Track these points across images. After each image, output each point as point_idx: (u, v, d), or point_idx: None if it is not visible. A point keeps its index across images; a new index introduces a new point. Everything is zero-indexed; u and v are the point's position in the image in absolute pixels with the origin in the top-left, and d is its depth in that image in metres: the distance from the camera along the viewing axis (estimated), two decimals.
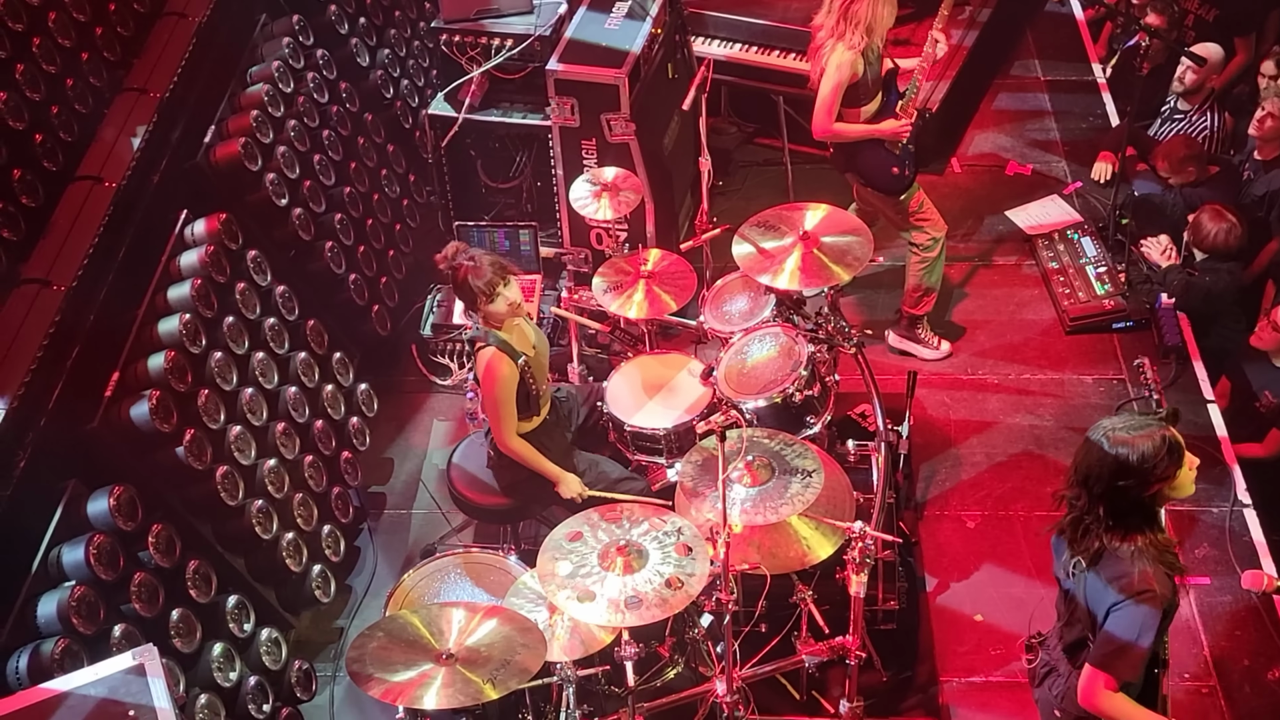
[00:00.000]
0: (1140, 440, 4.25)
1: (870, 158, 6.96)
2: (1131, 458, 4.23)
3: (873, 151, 6.93)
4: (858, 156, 7.00)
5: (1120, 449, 4.25)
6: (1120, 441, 4.26)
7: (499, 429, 5.92)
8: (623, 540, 5.00)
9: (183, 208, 6.58)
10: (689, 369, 6.50)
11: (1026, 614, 6.36)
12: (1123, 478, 4.26)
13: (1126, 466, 4.24)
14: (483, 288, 5.70)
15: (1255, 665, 6.09)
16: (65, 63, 6.37)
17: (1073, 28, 9.95)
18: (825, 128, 6.83)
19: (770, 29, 8.39)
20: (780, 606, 5.73)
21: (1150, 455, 4.23)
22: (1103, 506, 4.34)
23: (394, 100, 8.34)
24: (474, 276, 5.70)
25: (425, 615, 4.87)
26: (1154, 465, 4.24)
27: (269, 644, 6.03)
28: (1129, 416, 4.41)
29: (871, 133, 6.86)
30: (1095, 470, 4.31)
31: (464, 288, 5.74)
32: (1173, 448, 4.27)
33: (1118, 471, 4.26)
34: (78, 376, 5.67)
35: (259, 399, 6.44)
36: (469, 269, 5.71)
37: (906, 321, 7.57)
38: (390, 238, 7.91)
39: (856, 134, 6.87)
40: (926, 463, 7.07)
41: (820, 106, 6.78)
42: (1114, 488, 4.28)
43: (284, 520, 6.31)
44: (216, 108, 7.04)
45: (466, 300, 5.82)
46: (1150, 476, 4.26)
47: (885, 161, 6.92)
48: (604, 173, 6.83)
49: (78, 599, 5.12)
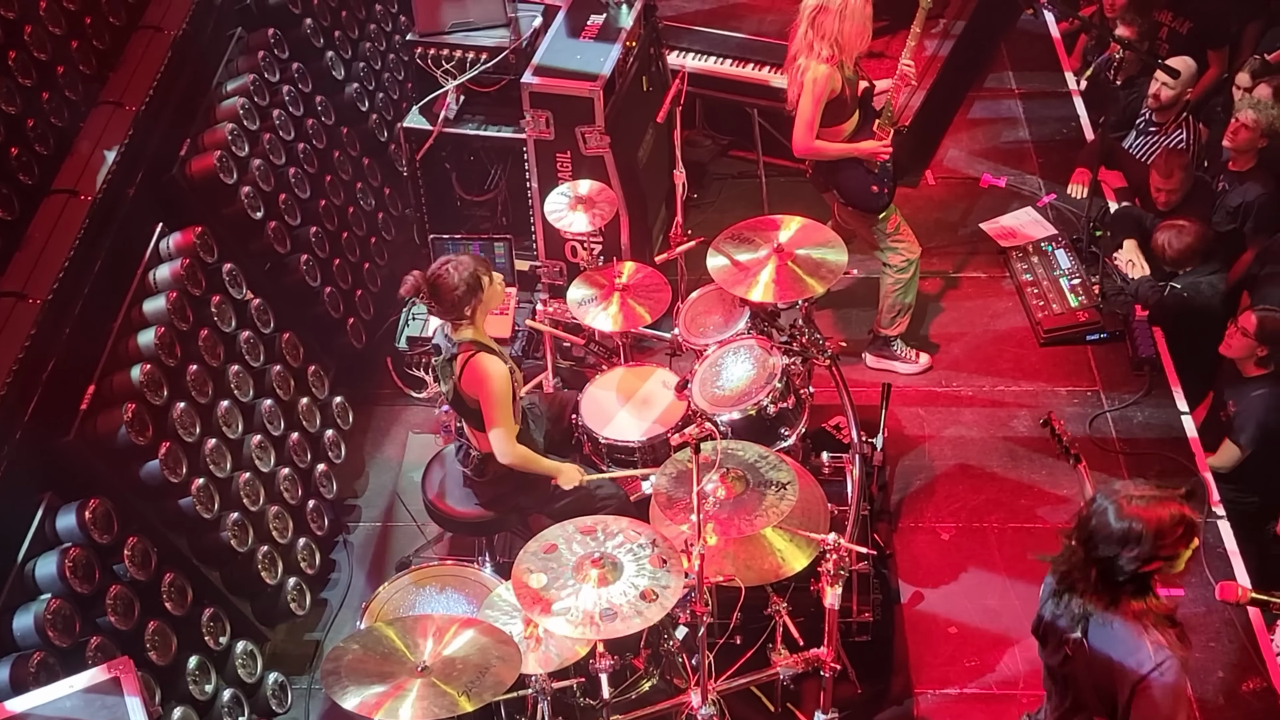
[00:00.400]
0: (1154, 513, 4.03)
1: (850, 176, 6.98)
2: (1143, 531, 4.02)
3: (853, 170, 6.95)
4: (838, 175, 7.03)
5: (1133, 521, 4.03)
6: (1134, 513, 4.04)
7: (503, 435, 5.73)
8: (598, 553, 5.00)
9: (158, 221, 6.58)
10: (664, 381, 6.51)
11: (1001, 626, 6.40)
12: (1128, 549, 4.05)
13: (1135, 538, 4.03)
14: (469, 279, 5.55)
15: (1230, 677, 6.12)
16: (41, 76, 6.35)
17: (1047, 40, 10.01)
18: (806, 145, 6.85)
19: (745, 42, 8.44)
20: (755, 618, 5.74)
21: (1164, 533, 4.02)
22: (1095, 570, 4.14)
23: (369, 113, 8.35)
24: (458, 270, 5.55)
25: (400, 628, 4.87)
26: (1164, 543, 4.04)
27: (244, 657, 6.02)
28: (1146, 484, 4.15)
29: (851, 151, 6.88)
30: (1101, 533, 4.09)
31: (451, 290, 5.55)
32: (1187, 527, 4.07)
33: (1124, 541, 4.04)
34: (53, 390, 5.66)
35: (234, 412, 6.43)
36: (450, 266, 5.56)
37: (881, 340, 7.60)
38: (365, 251, 7.92)
39: (836, 152, 6.89)
40: (901, 475, 7.10)
41: (800, 123, 6.79)
42: (1114, 555, 4.07)
43: (259, 533, 6.31)
44: (192, 121, 7.04)
45: (455, 304, 5.59)
46: (1157, 554, 4.05)
47: (865, 180, 6.95)
48: (579, 186, 6.85)
49: (53, 612, 5.11)
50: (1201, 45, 8.84)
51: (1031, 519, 6.85)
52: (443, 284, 5.57)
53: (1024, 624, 6.26)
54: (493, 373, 5.66)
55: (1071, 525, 4.24)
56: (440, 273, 5.59)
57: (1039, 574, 6.42)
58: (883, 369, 7.62)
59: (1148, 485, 4.14)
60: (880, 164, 6.92)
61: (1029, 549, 6.68)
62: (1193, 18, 8.87)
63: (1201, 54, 8.81)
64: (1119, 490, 4.13)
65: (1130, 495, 4.08)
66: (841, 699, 5.86)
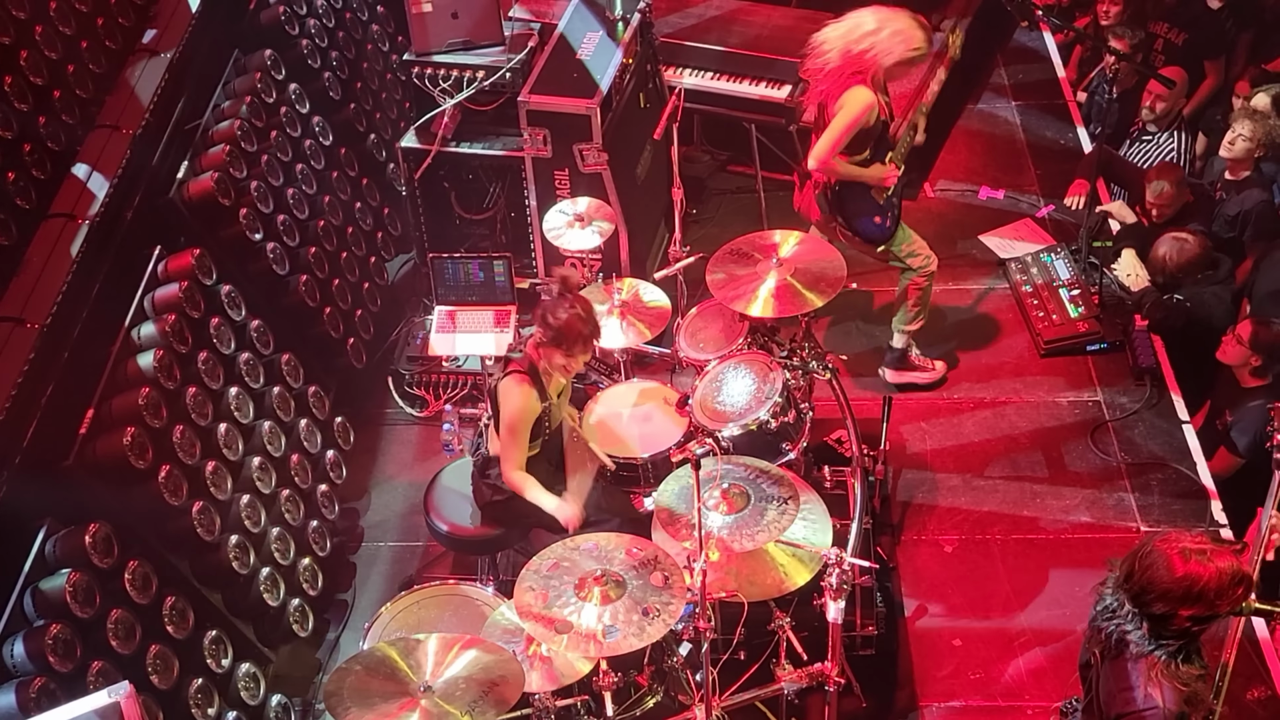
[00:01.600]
0: (1217, 569, 3.89)
1: (857, 206, 6.95)
2: (1204, 590, 3.89)
3: (860, 200, 6.92)
4: (845, 203, 6.97)
5: (1192, 579, 3.89)
6: (1193, 571, 3.89)
7: (507, 457, 5.83)
8: (599, 570, 4.99)
9: (156, 244, 6.58)
10: (664, 398, 6.51)
11: (1005, 638, 6.39)
12: (1189, 607, 3.92)
13: (1197, 597, 3.90)
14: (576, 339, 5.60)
15: (1233, 686, 6.03)
16: (38, 100, 6.37)
17: (1043, 53, 10.03)
18: (827, 160, 6.76)
19: (741, 57, 8.43)
20: (758, 634, 5.73)
21: (1225, 592, 3.90)
22: (1148, 625, 4.02)
23: (367, 133, 8.37)
24: (580, 325, 5.59)
25: (403, 648, 4.85)
26: (1224, 601, 3.92)
27: (247, 679, 6.00)
28: (1201, 536, 4.02)
29: (862, 176, 6.84)
30: (1157, 589, 3.95)
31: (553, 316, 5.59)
32: (1246, 584, 3.96)
33: (1185, 600, 3.91)
34: (52, 414, 5.66)
35: (235, 433, 6.43)
36: (577, 308, 5.59)
37: (897, 355, 7.59)
38: (365, 271, 7.92)
39: (849, 174, 6.84)
40: (903, 488, 7.09)
41: (828, 139, 6.69)
42: (1173, 613, 3.94)
43: (261, 554, 6.30)
44: (189, 144, 7.04)
45: (544, 327, 5.64)
46: (1216, 610, 3.93)
47: (870, 211, 6.93)
48: (577, 203, 6.85)
49: (54, 637, 5.09)
50: (1197, 55, 8.87)
51: (1034, 530, 6.84)
52: (553, 307, 5.61)
53: (1028, 637, 6.33)
54: (515, 400, 5.70)
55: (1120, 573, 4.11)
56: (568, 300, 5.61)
57: (1043, 585, 6.52)
58: (904, 382, 7.60)
59: (1200, 536, 4.03)
60: (886, 196, 6.92)
61: (1032, 560, 6.68)
62: (1188, 28, 8.90)
63: (1198, 64, 8.84)
64: (1171, 542, 3.99)
65: (1187, 550, 3.94)
66: (846, 713, 5.86)
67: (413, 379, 7.60)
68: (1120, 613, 4.10)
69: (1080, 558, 6.64)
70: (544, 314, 5.65)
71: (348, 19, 8.58)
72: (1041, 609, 6.47)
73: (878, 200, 6.92)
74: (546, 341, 5.66)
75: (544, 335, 5.67)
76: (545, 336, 5.66)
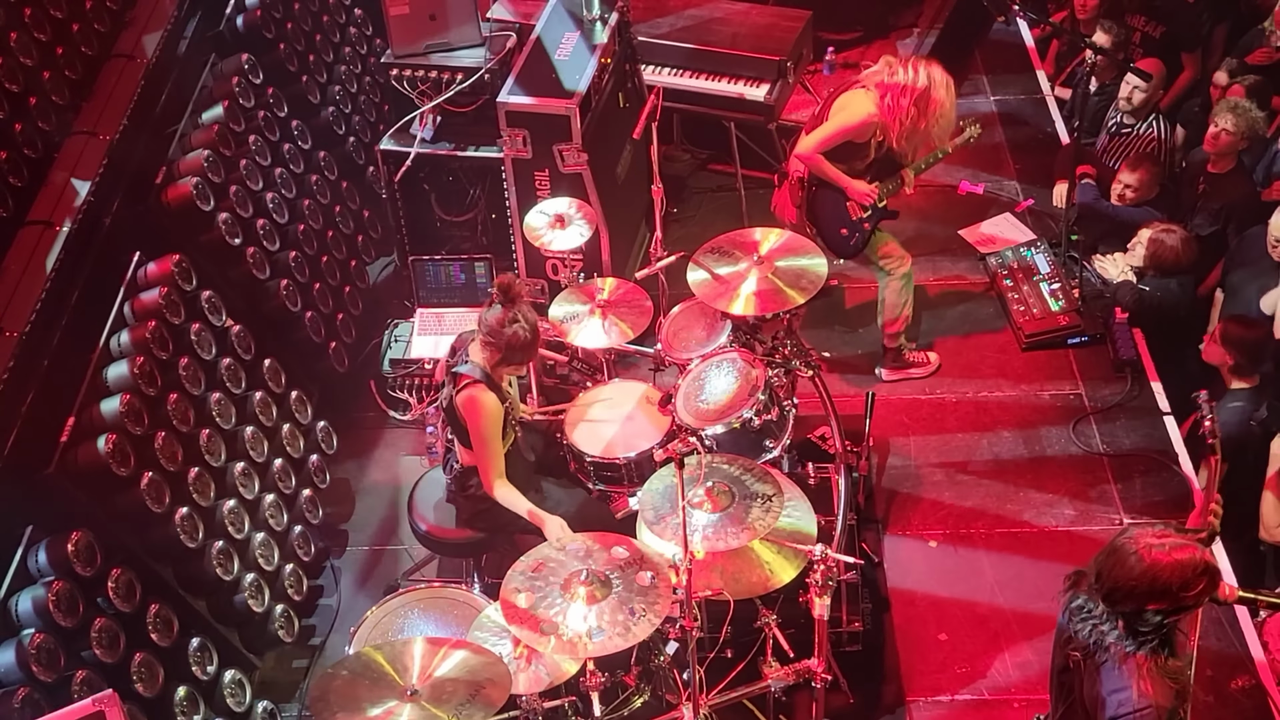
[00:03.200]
0: (1178, 561, 3.92)
1: (829, 213, 7.05)
2: (1169, 583, 3.93)
3: (833, 209, 7.02)
4: (817, 204, 7.08)
5: (1157, 572, 3.92)
6: (1157, 562, 3.92)
7: (487, 470, 5.78)
8: (585, 571, 4.99)
9: (135, 250, 6.55)
10: (647, 397, 6.51)
11: (991, 632, 6.40)
12: (1154, 601, 3.96)
13: (1162, 591, 3.94)
14: (521, 351, 5.66)
15: (1218, 675, 6.12)
16: (14, 107, 6.34)
17: (1020, 47, 10.05)
18: (811, 154, 6.90)
19: (719, 55, 8.44)
20: (745, 631, 5.72)
21: (1189, 583, 3.93)
22: (1123, 623, 4.05)
23: (346, 136, 8.35)
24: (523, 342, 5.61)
25: (389, 651, 4.85)
26: (1189, 593, 3.95)
27: (233, 686, 5.99)
28: (1164, 530, 4.03)
29: (842, 181, 6.94)
30: (1124, 586, 3.99)
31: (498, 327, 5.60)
32: (1211, 576, 3.98)
33: (1150, 595, 3.95)
34: (33, 422, 5.63)
35: (217, 439, 6.41)
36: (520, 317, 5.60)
37: (891, 354, 7.61)
38: (346, 274, 7.90)
39: (831, 174, 6.94)
40: (887, 483, 7.10)
41: (819, 134, 6.88)
42: (1142, 610, 3.99)
43: (245, 561, 6.28)
44: (167, 149, 7.02)
45: (490, 336, 5.65)
46: (1183, 603, 3.97)
47: (839, 221, 7.02)
48: (558, 203, 6.85)
49: (37, 646, 5.08)
50: (1175, 48, 8.88)
51: (1018, 524, 6.86)
52: (501, 315, 5.60)
53: (1014, 630, 6.34)
54: (483, 409, 5.68)
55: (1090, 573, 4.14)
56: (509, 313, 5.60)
57: (1027, 579, 6.54)
58: (900, 379, 7.63)
59: (1166, 530, 4.05)
60: (859, 216, 7.00)
61: (1017, 553, 6.70)
62: (1165, 21, 8.92)
63: (1175, 57, 8.85)
64: (1135, 538, 4.02)
65: (1149, 544, 3.97)
66: (834, 709, 5.86)
67: (396, 383, 7.58)
68: (1095, 613, 4.13)
69: (1064, 550, 6.65)
70: (488, 329, 5.64)
71: (325, 22, 8.56)
72: (1027, 602, 6.47)
73: (850, 216, 6.98)
74: (493, 356, 5.68)
75: (489, 350, 5.68)
76: (491, 351, 5.68)
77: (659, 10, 8.77)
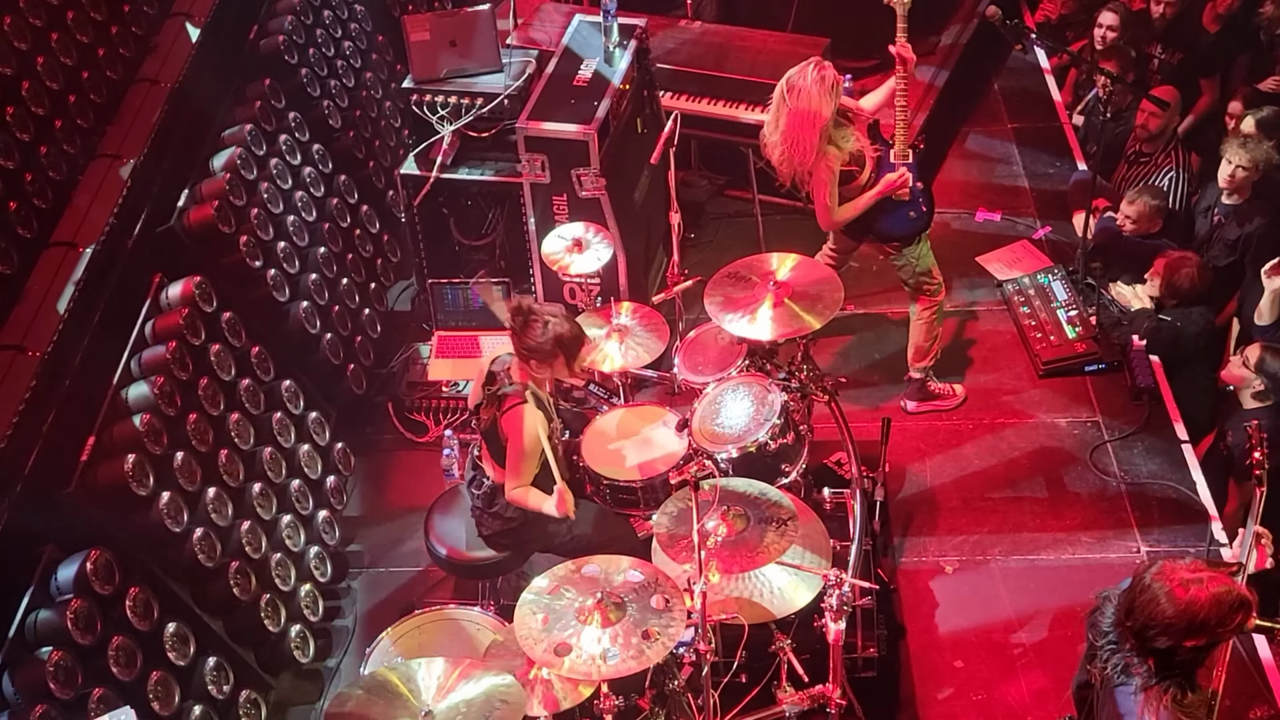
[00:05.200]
0: (1214, 596, 3.85)
1: (885, 217, 6.97)
2: (1207, 619, 3.85)
3: (884, 211, 6.95)
4: (872, 223, 7.01)
5: (1193, 609, 3.84)
6: (1196, 600, 3.84)
7: (517, 478, 5.80)
8: (600, 593, 5.00)
9: (157, 271, 6.61)
10: (664, 421, 6.53)
11: (1007, 659, 6.39)
12: (1191, 638, 3.87)
13: (1200, 627, 3.85)
14: (554, 344, 5.65)
15: (1236, 705, 6.08)
16: (39, 130, 6.40)
17: (1038, 75, 10.09)
18: (830, 222, 6.93)
19: (736, 83, 8.46)
20: (759, 656, 5.71)
21: (1226, 618, 3.86)
22: (1155, 661, 3.97)
23: (366, 160, 8.40)
24: (555, 328, 5.63)
25: (404, 672, 4.87)
26: (1227, 626, 3.88)
27: (248, 705, 6.00)
28: (1195, 564, 3.96)
29: (876, 196, 6.86)
30: (1158, 624, 3.89)
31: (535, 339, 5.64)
32: (1246, 608, 3.90)
33: (1189, 631, 3.86)
34: (53, 441, 5.66)
35: (235, 460, 6.44)
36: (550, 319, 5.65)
37: (916, 386, 7.60)
38: (365, 297, 7.94)
39: (863, 206, 6.87)
40: (903, 510, 7.10)
41: (820, 208, 6.85)
42: (1178, 646, 3.90)
43: (262, 581, 6.30)
44: (190, 172, 7.08)
45: (531, 350, 5.68)
46: (1219, 638, 3.91)
47: (901, 209, 6.95)
48: (576, 228, 6.88)
49: (55, 664, 5.10)
50: (1193, 74, 8.91)
51: (1035, 550, 6.85)
52: (531, 330, 5.64)
53: (1030, 657, 6.32)
54: (528, 428, 5.70)
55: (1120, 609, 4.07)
56: (537, 319, 5.65)
57: (1044, 607, 6.53)
58: (926, 412, 7.63)
59: (1196, 563, 3.99)
60: (909, 189, 6.90)
61: (1033, 581, 6.69)
62: (1183, 49, 8.93)
63: (1193, 83, 8.87)
64: (1167, 574, 3.94)
65: (1184, 580, 3.89)
66: None
67: (414, 405, 7.62)
68: (1123, 648, 4.08)
69: (1082, 578, 6.64)
70: (527, 343, 5.67)
71: (347, 48, 8.63)
72: (1043, 630, 6.47)
73: (902, 199, 6.92)
74: (544, 359, 5.70)
75: (539, 356, 5.70)
76: (542, 356, 5.69)
77: (677, 37, 8.81)
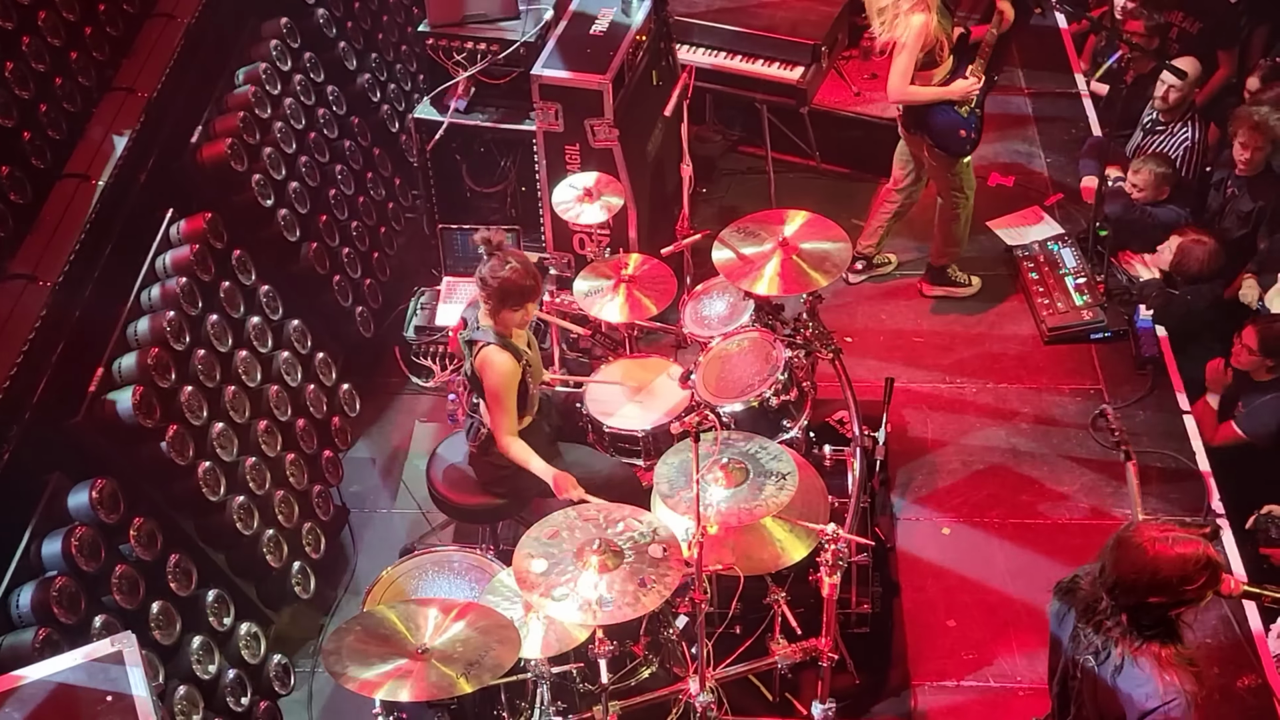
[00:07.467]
0: (1180, 555, 3.97)
1: (942, 120, 7.28)
2: (1170, 576, 3.97)
3: (944, 114, 7.25)
4: (929, 118, 7.31)
5: (1159, 565, 3.97)
6: (1159, 554, 3.97)
7: (499, 427, 5.88)
8: (598, 539, 5.03)
9: (169, 207, 6.63)
10: (668, 372, 6.56)
11: (1000, 621, 6.43)
12: (1156, 594, 4.00)
13: (1163, 584, 3.98)
14: (520, 293, 5.66)
15: (1225, 673, 6.13)
16: (54, 61, 6.41)
17: (1057, 40, 10.03)
18: (901, 91, 7.19)
19: (755, 38, 8.45)
20: (754, 608, 5.77)
21: (1190, 576, 3.98)
22: (1126, 616, 4.09)
23: (380, 104, 8.40)
24: (513, 272, 5.63)
25: (402, 611, 4.92)
26: (1191, 587, 3.99)
27: (248, 638, 6.07)
28: (1168, 524, 4.08)
29: (943, 95, 7.21)
30: (1127, 580, 4.03)
31: (493, 278, 5.64)
32: (1212, 569, 4.01)
33: (1151, 588, 3.99)
34: (62, 371, 5.73)
35: (241, 396, 6.49)
36: (510, 263, 5.64)
37: (935, 271, 7.97)
38: (375, 240, 7.97)
39: (929, 96, 7.23)
40: (903, 470, 7.14)
41: (896, 72, 7.13)
42: (1144, 603, 4.03)
43: (265, 517, 6.36)
44: (204, 108, 7.10)
45: (489, 293, 5.69)
46: (1183, 596, 4.01)
47: (954, 124, 7.26)
48: (587, 178, 6.89)
49: (59, 589, 5.17)
50: (1211, 45, 8.85)
51: (1032, 515, 6.88)
52: (493, 264, 5.67)
53: (1023, 620, 6.37)
54: (496, 367, 5.74)
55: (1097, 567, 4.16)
56: (501, 257, 5.67)
57: (1039, 570, 6.55)
58: (940, 295, 8.01)
59: (1169, 524, 4.08)
60: (969, 109, 7.21)
61: (1029, 544, 6.73)
62: (1203, 18, 8.88)
63: (1211, 54, 8.82)
64: (1141, 530, 4.06)
65: (1154, 537, 4.01)
66: (839, 689, 5.90)
67: (420, 350, 7.65)
68: (1100, 609, 4.16)
69: (1078, 543, 6.67)
70: (483, 280, 5.69)
71: None
72: (1037, 592, 6.45)
73: (961, 114, 7.22)
74: (495, 304, 5.71)
75: (490, 300, 5.71)
76: (492, 300, 5.71)
77: None
